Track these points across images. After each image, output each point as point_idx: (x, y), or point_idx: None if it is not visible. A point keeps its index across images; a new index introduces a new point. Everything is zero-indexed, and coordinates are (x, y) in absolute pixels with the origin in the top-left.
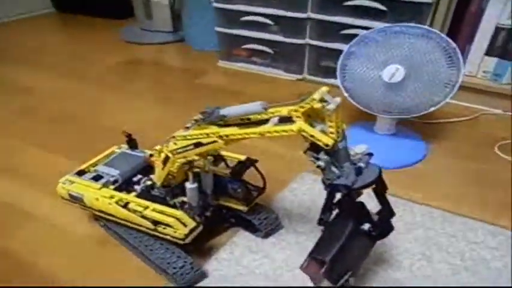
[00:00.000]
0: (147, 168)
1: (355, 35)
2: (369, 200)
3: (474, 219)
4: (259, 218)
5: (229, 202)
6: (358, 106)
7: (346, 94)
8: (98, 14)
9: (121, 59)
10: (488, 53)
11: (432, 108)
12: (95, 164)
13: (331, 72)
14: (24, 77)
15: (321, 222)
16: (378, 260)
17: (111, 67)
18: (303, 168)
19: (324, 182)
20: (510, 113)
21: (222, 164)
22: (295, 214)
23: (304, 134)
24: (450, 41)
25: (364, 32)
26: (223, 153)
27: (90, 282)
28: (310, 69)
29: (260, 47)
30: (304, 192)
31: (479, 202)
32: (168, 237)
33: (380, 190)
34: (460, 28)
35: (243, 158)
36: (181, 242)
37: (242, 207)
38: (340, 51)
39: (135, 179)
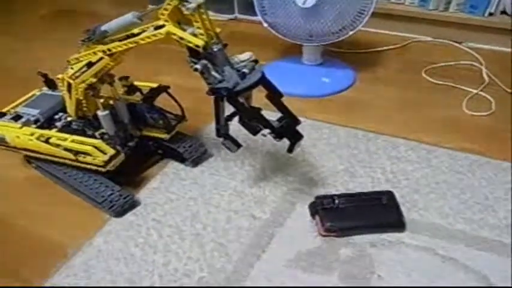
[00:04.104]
0: None
1: None
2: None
3: (397, 137)
4: (184, 146)
5: (151, 132)
6: (282, 37)
7: (265, 25)
8: None
9: (47, 9)
10: None
11: (351, 32)
12: (15, 107)
13: None
14: None
15: (218, 133)
16: (303, 179)
17: (38, 19)
18: None
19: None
20: (441, 40)
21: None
22: None
23: (174, 37)
24: None
25: None
26: (137, 83)
27: (34, 223)
28: (241, 7)
29: None
30: (231, 122)
31: (404, 122)
32: (89, 166)
33: (274, 97)
34: None
35: (155, 85)
36: (102, 169)
37: (164, 136)
38: None
39: (56, 116)
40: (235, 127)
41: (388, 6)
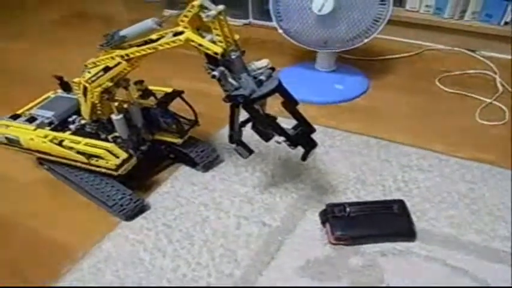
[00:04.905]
0: None
1: None
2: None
3: (409, 145)
4: (196, 150)
5: (164, 136)
6: (297, 43)
7: (280, 31)
8: None
9: (63, 12)
10: None
11: (366, 40)
12: (30, 109)
13: None
14: None
15: (231, 139)
16: (314, 187)
17: (54, 22)
18: None
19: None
20: (455, 49)
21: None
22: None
23: (192, 43)
24: None
25: None
26: (151, 87)
27: (44, 224)
28: (255, 13)
29: None
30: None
31: (417, 131)
32: (102, 169)
33: (289, 104)
34: None
35: (169, 90)
36: (114, 172)
37: (176, 140)
38: None
39: (70, 119)
40: (247, 133)
41: (402, 14)
